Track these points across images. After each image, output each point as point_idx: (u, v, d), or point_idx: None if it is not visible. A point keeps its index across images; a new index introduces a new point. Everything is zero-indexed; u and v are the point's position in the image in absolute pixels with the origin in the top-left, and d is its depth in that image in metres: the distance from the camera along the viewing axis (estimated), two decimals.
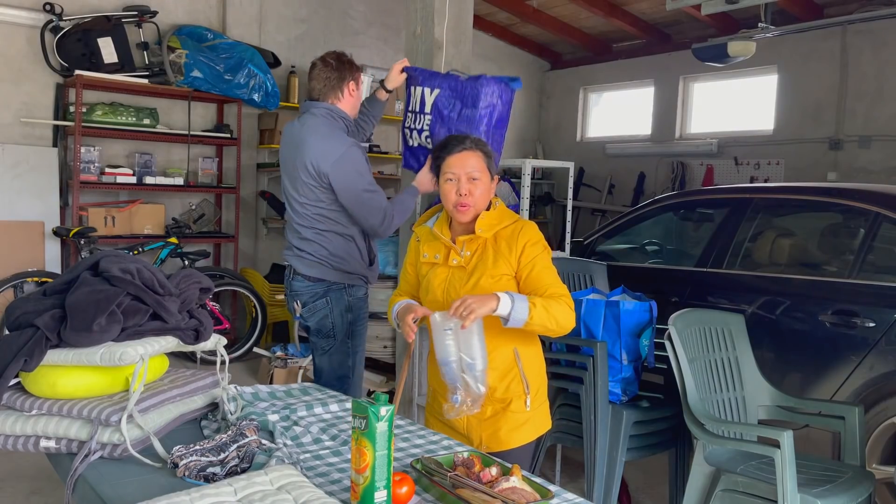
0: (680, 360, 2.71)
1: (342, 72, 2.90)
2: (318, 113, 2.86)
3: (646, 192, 7.81)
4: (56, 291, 1.94)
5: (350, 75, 2.92)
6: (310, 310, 2.90)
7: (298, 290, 2.91)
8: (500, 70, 8.67)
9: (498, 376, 2.16)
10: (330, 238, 2.83)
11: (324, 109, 2.86)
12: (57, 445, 1.81)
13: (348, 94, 2.92)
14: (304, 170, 2.77)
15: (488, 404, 2.16)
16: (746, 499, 2.49)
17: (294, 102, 6.61)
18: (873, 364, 3.10)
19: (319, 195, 2.79)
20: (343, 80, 2.90)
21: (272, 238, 6.77)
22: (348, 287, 2.89)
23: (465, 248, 2.17)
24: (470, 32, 4.22)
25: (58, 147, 5.58)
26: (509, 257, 2.12)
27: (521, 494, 1.56)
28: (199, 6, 6.27)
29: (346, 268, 2.86)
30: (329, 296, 2.87)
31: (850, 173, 6.37)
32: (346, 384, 2.93)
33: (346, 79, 2.91)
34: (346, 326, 2.91)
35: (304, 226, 2.85)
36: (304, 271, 2.87)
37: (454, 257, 2.17)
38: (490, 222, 2.15)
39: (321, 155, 2.74)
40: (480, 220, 2.14)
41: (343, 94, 2.91)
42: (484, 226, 2.14)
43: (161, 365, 2.03)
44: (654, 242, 4.52)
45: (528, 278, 2.11)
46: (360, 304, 2.95)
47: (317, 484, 1.63)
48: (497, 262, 2.12)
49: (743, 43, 5.55)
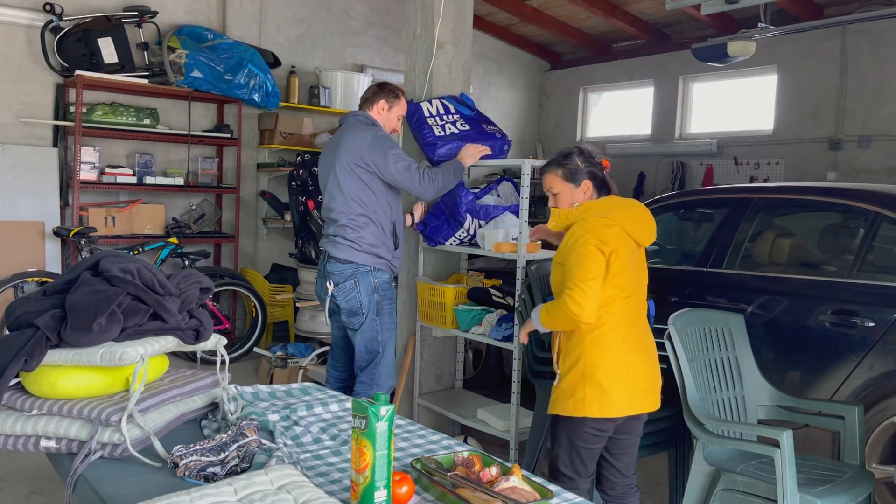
0: (680, 360, 2.71)
1: (378, 91, 3.53)
2: (355, 118, 3.46)
3: (646, 192, 7.80)
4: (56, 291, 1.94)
5: (384, 96, 3.50)
6: (340, 289, 3.34)
7: (331, 272, 3.37)
8: (499, 70, 8.68)
9: (557, 348, 2.46)
10: (361, 223, 3.33)
11: (361, 115, 3.48)
12: (57, 445, 1.81)
13: (378, 109, 3.50)
14: (349, 158, 3.31)
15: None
16: (746, 498, 2.49)
17: (294, 102, 6.62)
18: (873, 364, 3.10)
19: (360, 177, 3.32)
20: (377, 97, 3.51)
21: (272, 238, 6.77)
22: (374, 270, 3.36)
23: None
24: (470, 32, 4.22)
25: (58, 147, 5.58)
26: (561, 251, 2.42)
27: (521, 494, 1.56)
28: (199, 6, 6.27)
29: (372, 251, 3.34)
30: (357, 277, 3.33)
31: (850, 173, 6.37)
32: (375, 359, 3.39)
33: (380, 97, 3.50)
34: (372, 305, 3.35)
35: (341, 212, 3.34)
36: (335, 254, 3.35)
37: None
38: (560, 218, 2.49)
39: (360, 142, 3.33)
40: (552, 216, 2.51)
41: (374, 108, 3.50)
42: (556, 220, 2.52)
43: (161, 365, 2.03)
44: (654, 242, 4.51)
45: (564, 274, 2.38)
46: (385, 287, 3.41)
47: (317, 484, 1.63)
48: (558, 254, 2.43)
49: (743, 43, 5.55)
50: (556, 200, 2.51)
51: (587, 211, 2.42)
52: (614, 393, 2.29)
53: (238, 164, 6.30)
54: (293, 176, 5.89)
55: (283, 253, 6.72)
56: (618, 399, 2.30)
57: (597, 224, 2.32)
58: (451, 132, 3.80)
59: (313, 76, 6.91)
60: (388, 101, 3.51)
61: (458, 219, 3.72)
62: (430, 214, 3.90)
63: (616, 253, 2.29)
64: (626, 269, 2.32)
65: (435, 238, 3.82)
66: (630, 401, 2.33)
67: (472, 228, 3.74)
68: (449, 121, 3.84)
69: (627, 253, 2.34)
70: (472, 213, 3.72)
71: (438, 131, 3.78)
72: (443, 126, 3.80)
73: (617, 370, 2.30)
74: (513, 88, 8.84)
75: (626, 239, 2.34)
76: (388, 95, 3.51)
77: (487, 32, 8.36)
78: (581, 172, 2.47)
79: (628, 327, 2.36)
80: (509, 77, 8.80)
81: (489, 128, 3.94)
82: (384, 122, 3.51)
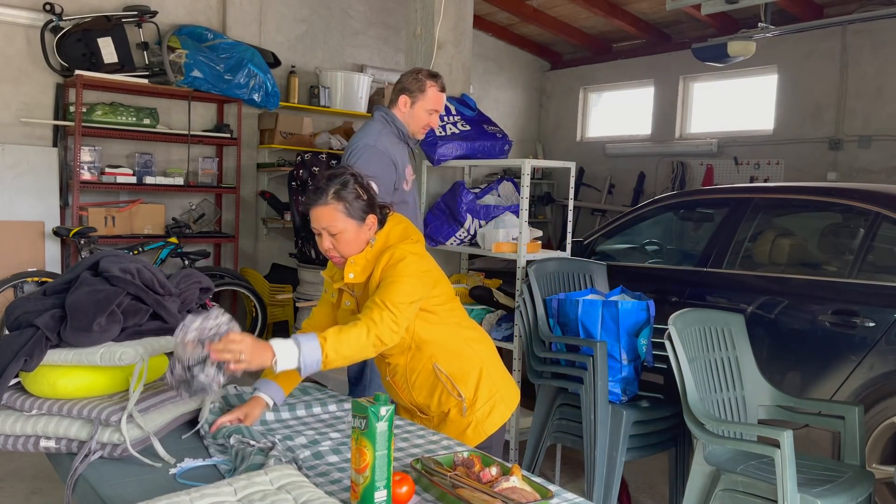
0: (680, 360, 2.71)
1: (402, 84, 3.05)
2: (376, 115, 3.07)
3: (646, 192, 7.81)
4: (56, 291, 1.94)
5: (406, 89, 3.02)
6: None
7: None
8: (499, 70, 8.68)
9: (426, 394, 2.16)
10: None
11: (382, 112, 3.06)
12: (57, 445, 1.81)
13: (400, 107, 3.05)
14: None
15: (431, 415, 2.20)
16: (746, 498, 2.49)
17: (294, 102, 6.61)
18: (873, 364, 3.10)
19: None
20: (399, 93, 3.04)
21: (272, 238, 6.77)
22: None
23: (354, 290, 2.12)
24: (470, 32, 4.22)
25: (58, 147, 5.58)
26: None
27: (521, 494, 1.56)
28: (199, 6, 6.27)
29: None
30: None
31: (850, 173, 6.37)
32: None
33: (402, 92, 3.03)
34: None
35: None
36: None
37: (346, 299, 2.16)
38: (361, 265, 2.05)
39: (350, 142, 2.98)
40: (349, 265, 2.04)
41: (396, 105, 3.05)
42: (356, 270, 2.05)
43: (161, 365, 2.03)
44: (654, 242, 4.52)
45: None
46: None
47: (317, 484, 1.63)
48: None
49: (743, 43, 5.55)
50: (333, 242, 2.03)
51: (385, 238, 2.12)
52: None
53: (238, 164, 6.30)
54: (293, 176, 5.89)
55: (283, 253, 6.72)
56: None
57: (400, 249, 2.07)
58: (452, 132, 3.80)
59: (313, 76, 6.91)
60: (411, 95, 3.02)
61: (459, 219, 3.72)
62: (430, 214, 3.91)
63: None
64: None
65: (435, 238, 3.83)
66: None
67: (472, 228, 3.75)
68: (450, 121, 3.85)
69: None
70: (472, 213, 3.72)
71: (439, 131, 3.79)
72: (443, 126, 3.81)
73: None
74: (513, 88, 8.84)
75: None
76: (409, 88, 3.02)
77: (487, 32, 8.36)
78: (363, 206, 2.04)
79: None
80: (509, 77, 8.80)
81: (489, 128, 3.95)
82: (409, 120, 3.05)
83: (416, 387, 2.16)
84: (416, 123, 3.05)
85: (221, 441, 1.85)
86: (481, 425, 2.17)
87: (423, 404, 2.18)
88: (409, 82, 3.02)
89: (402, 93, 3.02)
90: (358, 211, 2.01)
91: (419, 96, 3.01)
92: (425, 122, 3.06)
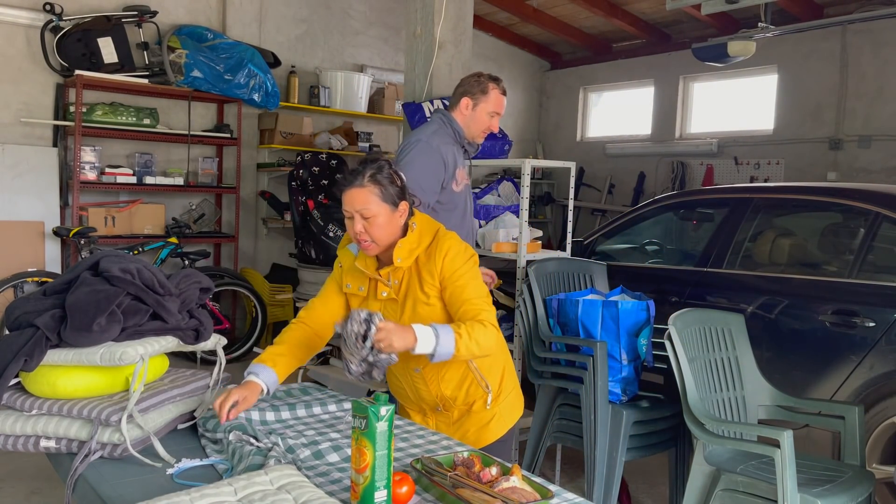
0: (680, 360, 2.71)
1: (465, 87, 2.97)
2: (434, 117, 2.99)
3: (646, 192, 7.80)
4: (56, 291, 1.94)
5: (468, 91, 2.94)
6: None
7: None
8: (499, 70, 8.67)
9: (456, 385, 2.16)
10: None
11: (440, 114, 2.98)
12: (57, 445, 1.81)
13: (461, 110, 2.96)
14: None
15: (453, 409, 2.20)
16: (746, 498, 2.49)
17: (294, 102, 6.61)
18: (873, 364, 3.10)
19: None
20: (461, 95, 2.95)
21: (272, 238, 6.77)
22: None
23: (391, 278, 2.08)
24: (470, 32, 4.22)
25: (58, 147, 5.58)
26: (432, 280, 2.05)
27: (521, 494, 1.56)
28: (199, 6, 6.27)
29: None
30: None
31: (850, 173, 6.37)
32: None
33: (464, 94, 2.94)
34: None
35: None
36: None
37: (382, 289, 2.10)
38: (409, 248, 2.05)
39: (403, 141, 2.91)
40: (398, 249, 2.04)
41: (457, 109, 2.97)
42: (403, 254, 2.04)
43: (161, 365, 2.03)
44: (654, 242, 4.52)
45: (449, 298, 2.05)
46: None
47: (317, 484, 1.63)
48: (424, 289, 2.06)
49: (743, 43, 5.55)
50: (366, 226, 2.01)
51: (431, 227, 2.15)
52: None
53: (238, 164, 6.30)
54: (293, 176, 5.90)
55: (283, 253, 6.72)
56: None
57: (454, 238, 2.13)
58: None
59: (313, 76, 6.91)
60: (473, 97, 2.93)
61: None
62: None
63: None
64: None
65: None
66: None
67: None
68: None
69: None
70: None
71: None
72: None
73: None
74: (513, 88, 8.84)
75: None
76: (473, 90, 2.93)
77: (487, 32, 8.36)
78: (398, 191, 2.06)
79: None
80: (509, 77, 8.80)
81: None
82: (469, 124, 2.96)
83: (447, 378, 2.14)
84: (477, 126, 2.97)
85: (220, 436, 1.85)
86: (504, 418, 2.23)
87: (451, 396, 2.17)
88: (471, 85, 2.95)
89: (463, 95, 2.95)
90: (392, 196, 2.01)
91: (481, 98, 2.93)
92: (486, 126, 2.98)
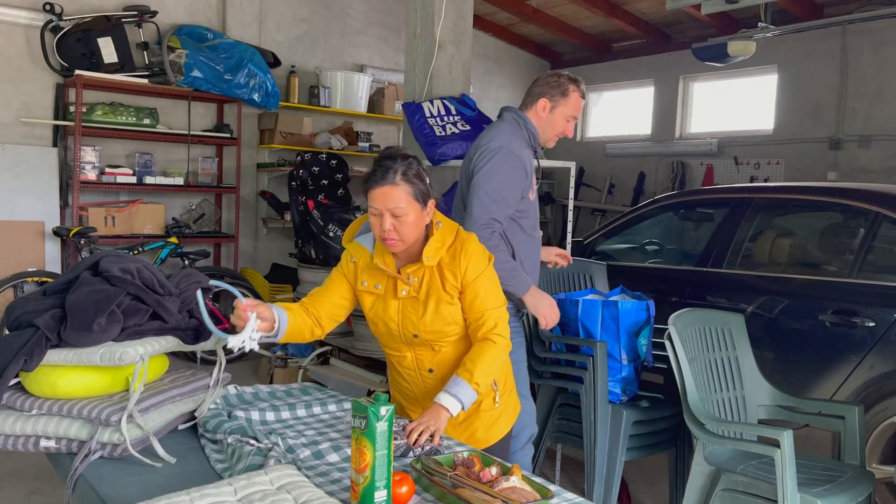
0: (680, 360, 2.71)
1: (542, 87, 2.78)
2: (507, 116, 2.79)
3: (646, 192, 7.80)
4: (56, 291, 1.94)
5: (548, 93, 2.75)
6: None
7: None
8: (499, 70, 8.67)
9: None
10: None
11: (514, 114, 2.78)
12: (57, 445, 1.81)
13: (537, 111, 2.77)
14: (468, 161, 2.70)
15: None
16: (746, 498, 2.49)
17: (294, 102, 6.62)
18: (873, 364, 3.10)
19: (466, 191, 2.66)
20: (539, 96, 2.77)
21: (272, 238, 6.77)
22: None
23: (411, 277, 2.05)
24: (470, 32, 4.22)
25: (58, 147, 5.58)
26: (454, 281, 2.04)
27: (521, 494, 1.56)
28: (199, 6, 6.27)
29: None
30: None
31: (850, 173, 6.37)
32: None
33: (543, 94, 2.76)
34: None
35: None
36: None
37: (402, 287, 2.05)
38: (438, 247, 2.03)
39: (481, 142, 2.67)
40: (428, 247, 2.02)
41: (533, 109, 2.77)
42: (431, 253, 2.02)
43: (161, 365, 2.03)
44: (654, 242, 4.52)
45: (470, 303, 2.05)
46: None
47: (317, 484, 1.63)
48: (446, 288, 2.04)
49: (743, 43, 5.55)
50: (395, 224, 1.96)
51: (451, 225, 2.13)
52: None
53: (238, 164, 6.30)
54: (293, 176, 5.89)
55: (283, 253, 6.72)
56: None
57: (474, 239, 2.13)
58: (452, 132, 3.81)
59: (313, 76, 6.91)
60: (552, 98, 2.74)
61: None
62: None
63: None
64: None
65: None
66: None
67: None
68: (450, 121, 3.86)
69: None
70: None
71: (439, 131, 3.79)
72: (443, 126, 3.82)
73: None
74: (513, 88, 8.84)
75: None
76: (552, 91, 2.74)
77: (487, 32, 8.36)
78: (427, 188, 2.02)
79: None
80: (509, 77, 8.80)
81: None
82: (544, 126, 2.77)
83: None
84: (552, 130, 2.79)
85: (220, 437, 1.85)
86: (508, 415, 2.27)
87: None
88: (550, 85, 2.75)
89: (541, 96, 2.76)
90: (422, 195, 1.98)
91: (561, 101, 2.74)
92: (561, 130, 2.79)
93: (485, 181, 2.57)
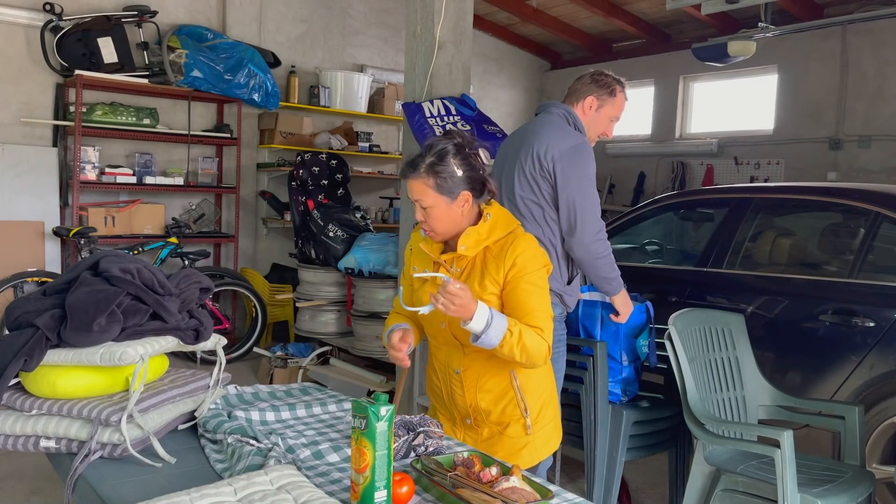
0: (680, 360, 2.71)
1: (590, 85, 2.77)
2: (555, 111, 2.76)
3: (646, 192, 7.81)
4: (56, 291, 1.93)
5: (595, 91, 2.75)
6: None
7: None
8: (499, 70, 8.67)
9: (493, 399, 2.08)
10: None
11: (562, 109, 2.75)
12: (57, 445, 1.80)
13: (585, 107, 2.76)
14: (530, 160, 2.63)
15: (484, 426, 2.12)
16: (746, 498, 2.49)
17: (294, 102, 6.62)
18: (873, 364, 3.10)
19: (541, 186, 2.62)
20: (587, 93, 2.76)
21: (272, 238, 6.77)
22: None
23: (454, 265, 2.03)
24: (470, 32, 4.22)
25: (58, 147, 5.58)
26: (497, 275, 1.97)
27: (521, 494, 1.56)
28: (199, 6, 6.27)
29: None
30: None
31: (850, 173, 6.37)
32: None
33: (591, 92, 2.76)
34: None
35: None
36: None
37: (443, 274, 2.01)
38: (477, 238, 1.98)
39: (553, 142, 2.61)
40: (465, 236, 1.98)
41: (580, 104, 2.76)
42: (469, 243, 1.98)
43: (161, 365, 2.03)
44: (655, 242, 4.52)
45: (509, 299, 1.97)
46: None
47: (317, 484, 1.63)
48: (484, 282, 1.98)
49: (743, 43, 5.55)
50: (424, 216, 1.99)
51: (509, 222, 2.07)
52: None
53: (238, 164, 6.30)
54: (293, 176, 5.89)
55: (283, 253, 6.72)
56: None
57: (532, 241, 2.06)
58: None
59: (313, 76, 6.91)
60: (599, 97, 2.75)
61: None
62: None
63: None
64: None
65: None
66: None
67: None
68: (450, 121, 3.86)
69: None
70: None
71: (439, 131, 3.80)
72: (443, 126, 3.83)
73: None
74: (513, 88, 8.84)
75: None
76: (600, 90, 2.75)
77: (487, 32, 8.36)
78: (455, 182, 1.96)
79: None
80: (509, 77, 8.80)
81: (490, 128, 3.96)
82: (590, 125, 2.77)
83: (485, 389, 2.07)
84: (595, 129, 2.79)
85: (220, 437, 1.85)
86: (538, 448, 2.13)
87: (485, 409, 2.09)
88: (599, 84, 2.76)
89: (589, 94, 2.75)
90: (450, 187, 1.94)
91: (608, 100, 2.76)
92: (603, 130, 2.80)
93: (581, 192, 2.56)
